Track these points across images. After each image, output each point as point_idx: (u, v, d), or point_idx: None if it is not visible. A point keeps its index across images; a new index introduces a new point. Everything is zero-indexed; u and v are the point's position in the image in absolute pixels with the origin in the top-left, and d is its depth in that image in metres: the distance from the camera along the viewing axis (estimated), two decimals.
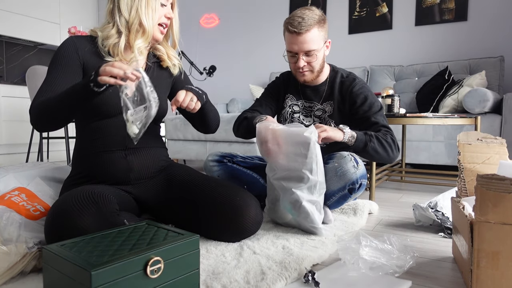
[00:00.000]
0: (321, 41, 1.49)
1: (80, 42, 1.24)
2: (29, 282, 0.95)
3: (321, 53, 1.52)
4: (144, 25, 1.22)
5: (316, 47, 1.48)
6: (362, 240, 0.98)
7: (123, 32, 1.22)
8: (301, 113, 1.67)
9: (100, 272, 0.66)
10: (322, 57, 1.54)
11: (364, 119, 1.54)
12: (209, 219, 1.23)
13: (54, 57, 1.22)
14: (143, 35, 1.23)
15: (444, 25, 3.51)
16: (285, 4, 4.33)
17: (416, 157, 2.93)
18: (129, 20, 1.21)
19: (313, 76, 1.56)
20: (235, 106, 4.19)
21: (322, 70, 1.58)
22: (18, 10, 4.40)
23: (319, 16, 1.48)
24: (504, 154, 1.15)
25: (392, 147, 1.48)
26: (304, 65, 1.51)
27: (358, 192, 1.47)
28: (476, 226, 0.83)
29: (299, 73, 1.55)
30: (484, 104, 2.66)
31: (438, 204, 1.46)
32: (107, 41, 1.22)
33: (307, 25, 1.44)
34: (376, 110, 1.55)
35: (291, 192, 1.30)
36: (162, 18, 1.27)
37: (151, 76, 1.32)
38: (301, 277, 0.97)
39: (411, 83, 3.44)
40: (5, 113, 3.96)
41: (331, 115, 1.61)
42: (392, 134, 1.51)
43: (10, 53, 4.67)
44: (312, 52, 1.48)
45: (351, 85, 1.58)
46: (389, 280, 0.94)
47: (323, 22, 1.50)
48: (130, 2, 1.21)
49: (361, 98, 1.55)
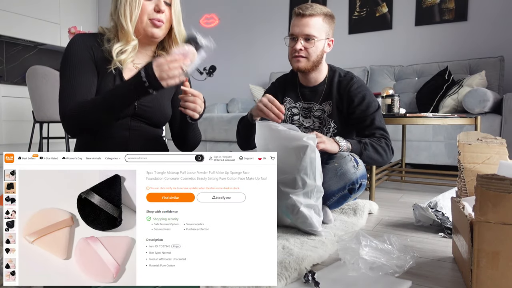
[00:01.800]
0: (322, 32, 1.52)
1: (88, 39, 1.22)
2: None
3: (321, 44, 1.53)
4: (123, 26, 1.18)
5: (316, 34, 1.51)
6: (362, 240, 0.98)
7: (116, 36, 1.21)
8: (300, 114, 1.67)
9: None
10: (321, 49, 1.55)
11: (361, 119, 1.56)
12: None
13: (65, 57, 1.19)
14: (123, 37, 1.19)
15: (444, 25, 3.51)
16: (285, 4, 4.33)
17: (416, 157, 2.93)
18: (117, 22, 1.19)
19: (307, 65, 1.56)
20: (235, 106, 4.19)
21: (319, 65, 1.58)
22: (18, 10, 4.40)
23: (328, 11, 1.54)
24: (504, 154, 1.15)
25: (387, 151, 1.51)
26: (301, 49, 1.52)
27: (358, 192, 1.47)
28: (476, 226, 0.83)
29: (295, 58, 1.55)
30: (484, 104, 2.66)
31: (438, 204, 1.46)
32: (107, 44, 1.21)
33: (314, 10, 1.49)
34: (373, 110, 1.56)
35: (287, 197, 1.30)
36: (151, 13, 1.19)
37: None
38: (301, 277, 0.97)
39: (411, 83, 3.44)
40: (5, 113, 3.96)
41: (330, 114, 1.61)
42: (386, 137, 1.54)
43: (10, 53, 4.67)
44: (312, 38, 1.50)
45: (349, 84, 1.58)
46: (389, 280, 0.94)
47: (330, 18, 1.55)
48: (115, 3, 1.19)
49: (359, 98, 1.56)
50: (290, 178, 1.30)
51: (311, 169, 1.27)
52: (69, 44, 1.20)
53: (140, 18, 1.19)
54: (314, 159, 1.27)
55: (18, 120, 4.05)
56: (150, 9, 1.19)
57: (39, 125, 3.23)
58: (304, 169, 1.27)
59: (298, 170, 1.28)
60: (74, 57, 1.17)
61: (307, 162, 1.27)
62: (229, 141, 2.81)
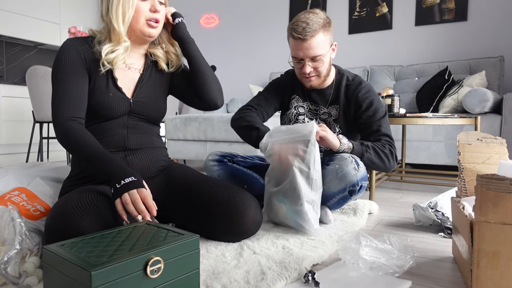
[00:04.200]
0: (327, 45, 1.46)
1: (78, 43, 1.22)
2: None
3: (328, 57, 1.49)
4: (114, 26, 1.17)
5: (322, 52, 1.44)
6: (362, 240, 0.98)
7: (107, 37, 1.21)
8: (306, 115, 1.65)
9: (100, 272, 0.66)
10: (329, 61, 1.51)
11: (368, 124, 1.53)
12: (208, 219, 1.23)
13: (57, 63, 1.18)
14: (115, 38, 1.19)
15: (444, 25, 3.51)
16: (285, 4, 4.33)
17: (416, 157, 2.93)
18: (109, 24, 1.19)
19: (320, 81, 1.54)
20: (235, 106, 4.19)
21: (329, 74, 1.56)
22: (18, 10, 4.40)
23: (324, 19, 1.44)
24: (504, 154, 1.15)
25: (389, 157, 1.47)
26: (311, 71, 1.48)
27: (359, 194, 1.46)
28: (476, 226, 0.83)
29: (305, 78, 1.52)
30: (484, 104, 2.66)
31: (438, 204, 1.46)
32: (99, 46, 1.20)
33: (312, 30, 1.40)
34: (380, 116, 1.53)
35: (292, 183, 1.30)
36: (148, 14, 1.20)
37: (148, 78, 1.32)
38: (301, 277, 0.97)
39: (411, 83, 3.44)
40: (5, 113, 3.96)
41: (336, 119, 1.59)
42: (391, 144, 1.50)
43: (10, 53, 4.67)
44: (318, 58, 1.45)
45: (357, 89, 1.55)
46: (389, 280, 0.94)
47: (328, 25, 1.46)
48: (106, 3, 1.19)
49: (367, 103, 1.53)
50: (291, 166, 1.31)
51: (311, 159, 1.29)
52: (60, 49, 1.20)
53: (135, 19, 1.19)
54: (314, 151, 1.29)
55: (18, 120, 4.05)
56: (146, 10, 1.20)
57: (39, 125, 3.23)
58: (306, 160, 1.29)
59: (301, 159, 1.29)
60: (65, 62, 1.18)
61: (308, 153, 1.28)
62: (229, 141, 2.80)
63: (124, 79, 1.26)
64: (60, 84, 1.16)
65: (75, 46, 1.20)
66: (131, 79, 1.28)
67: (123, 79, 1.26)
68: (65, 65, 1.17)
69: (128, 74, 1.28)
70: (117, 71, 1.25)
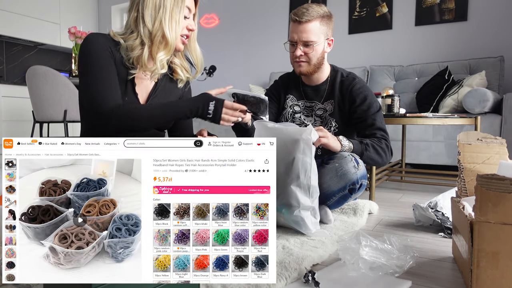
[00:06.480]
0: (321, 34, 1.52)
1: (104, 40, 1.20)
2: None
3: (320, 47, 1.54)
4: (167, 38, 1.20)
5: (315, 39, 1.51)
6: (362, 240, 0.98)
7: (146, 43, 1.20)
8: (302, 113, 1.68)
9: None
10: (321, 52, 1.56)
11: (362, 119, 1.57)
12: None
13: (88, 52, 1.17)
14: (166, 47, 1.22)
15: (444, 25, 3.51)
16: (285, 5, 4.33)
17: (416, 157, 2.93)
18: (153, 32, 1.19)
19: (309, 69, 1.57)
20: None
21: (321, 66, 1.60)
22: (18, 10, 4.40)
23: (325, 11, 1.52)
24: (504, 154, 1.15)
25: (387, 152, 1.53)
26: (301, 54, 1.53)
27: (359, 193, 1.47)
28: (476, 226, 0.83)
29: (296, 63, 1.57)
30: (484, 104, 2.67)
31: (438, 204, 1.46)
32: (132, 53, 1.20)
33: (310, 16, 1.48)
34: (375, 111, 1.57)
35: (286, 194, 1.30)
36: (184, 29, 1.26)
37: (163, 87, 1.32)
38: (301, 277, 0.97)
39: (411, 83, 3.44)
40: (5, 113, 3.96)
41: (332, 114, 1.62)
42: (386, 138, 1.55)
43: (10, 53, 4.67)
44: (310, 43, 1.51)
45: (351, 84, 1.59)
46: (389, 280, 0.94)
47: (327, 18, 1.53)
48: (154, 14, 1.18)
49: (361, 98, 1.57)
50: (286, 175, 1.30)
51: (308, 166, 1.28)
52: (88, 41, 1.18)
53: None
54: (310, 156, 1.28)
55: (18, 120, 4.05)
56: (184, 26, 1.26)
57: (39, 125, 3.23)
58: (301, 165, 1.28)
59: (295, 167, 1.29)
60: (99, 52, 1.17)
61: (303, 158, 1.28)
62: None
63: (140, 85, 1.27)
64: (99, 71, 1.16)
65: (103, 41, 1.19)
66: (145, 86, 1.29)
67: (139, 85, 1.27)
68: (99, 55, 1.17)
69: (144, 81, 1.28)
70: (137, 80, 1.25)
